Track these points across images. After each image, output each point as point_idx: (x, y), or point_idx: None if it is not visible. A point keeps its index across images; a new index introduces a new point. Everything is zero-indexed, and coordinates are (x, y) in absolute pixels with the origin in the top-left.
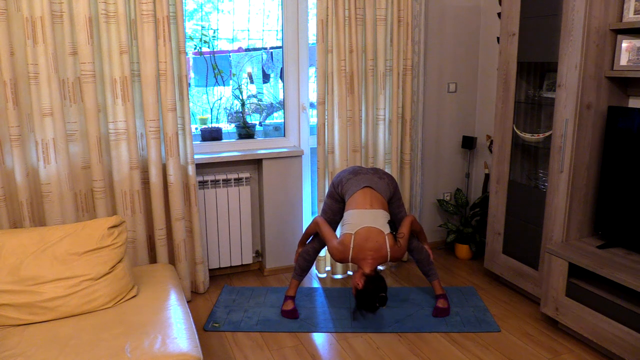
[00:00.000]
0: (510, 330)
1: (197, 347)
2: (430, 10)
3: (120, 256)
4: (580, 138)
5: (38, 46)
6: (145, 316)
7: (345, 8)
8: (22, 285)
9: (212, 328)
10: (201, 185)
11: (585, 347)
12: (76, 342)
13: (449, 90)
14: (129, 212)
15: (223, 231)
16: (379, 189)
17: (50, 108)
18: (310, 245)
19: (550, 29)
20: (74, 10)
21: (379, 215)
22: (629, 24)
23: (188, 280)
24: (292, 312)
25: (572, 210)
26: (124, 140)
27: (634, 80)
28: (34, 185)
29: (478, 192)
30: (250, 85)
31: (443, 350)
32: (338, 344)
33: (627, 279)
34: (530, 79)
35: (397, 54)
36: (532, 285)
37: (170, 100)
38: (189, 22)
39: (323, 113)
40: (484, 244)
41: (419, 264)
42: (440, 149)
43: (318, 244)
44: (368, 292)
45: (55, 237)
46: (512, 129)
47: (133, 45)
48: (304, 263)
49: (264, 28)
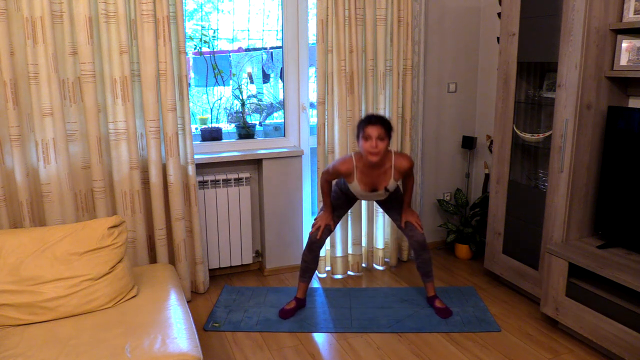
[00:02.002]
0: (510, 330)
1: (197, 347)
2: (430, 10)
3: (120, 256)
4: (580, 138)
5: (38, 46)
6: (145, 316)
7: (345, 8)
8: (22, 285)
9: (212, 328)
10: (201, 185)
11: (585, 347)
12: (76, 342)
13: (449, 90)
14: (129, 212)
15: (223, 231)
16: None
17: (50, 108)
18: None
19: (550, 29)
20: (74, 10)
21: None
22: (629, 24)
23: (188, 280)
24: (284, 311)
25: (572, 210)
26: (124, 140)
27: (634, 80)
28: (34, 185)
29: (478, 192)
30: (250, 85)
31: (443, 350)
32: (338, 344)
33: (627, 279)
34: (530, 79)
35: (397, 53)
36: (532, 285)
37: (170, 100)
38: (189, 22)
39: (323, 113)
40: (484, 244)
41: (422, 263)
42: (440, 149)
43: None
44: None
45: (55, 237)
46: (512, 129)
47: (133, 45)
48: (304, 264)
49: (264, 28)
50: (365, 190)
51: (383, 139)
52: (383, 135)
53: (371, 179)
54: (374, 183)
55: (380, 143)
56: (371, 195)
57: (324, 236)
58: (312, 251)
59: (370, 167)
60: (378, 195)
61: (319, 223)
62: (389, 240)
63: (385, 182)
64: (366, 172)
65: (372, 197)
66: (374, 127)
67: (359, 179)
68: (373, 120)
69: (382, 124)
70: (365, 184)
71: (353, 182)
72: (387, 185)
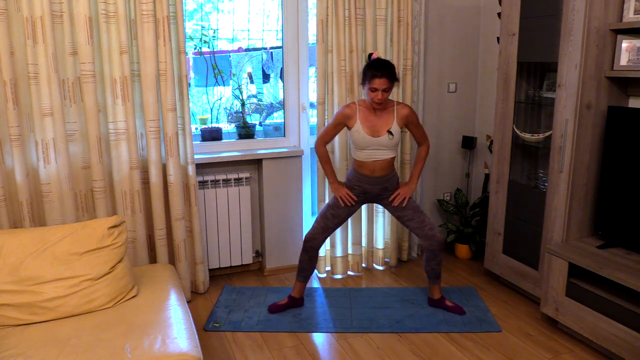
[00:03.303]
0: (510, 330)
1: (197, 347)
2: (430, 10)
3: (120, 256)
4: (580, 138)
5: (38, 46)
6: (145, 316)
7: (345, 8)
8: (22, 285)
9: (212, 328)
10: (201, 185)
11: (585, 347)
12: (76, 342)
13: (449, 90)
14: (129, 212)
15: (223, 231)
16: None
17: (50, 108)
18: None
19: (550, 29)
20: (74, 10)
21: None
22: (629, 24)
23: (188, 280)
24: (275, 306)
25: (572, 210)
26: (124, 140)
27: (634, 80)
28: (34, 185)
29: (478, 192)
30: (250, 85)
31: (443, 350)
32: (338, 344)
33: (627, 279)
34: (530, 79)
35: (397, 54)
36: (532, 285)
37: (170, 100)
38: (189, 22)
39: (323, 113)
40: (484, 244)
41: (437, 265)
42: (440, 149)
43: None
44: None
45: (55, 237)
46: (512, 129)
47: (133, 45)
48: (300, 265)
49: (264, 28)
50: (369, 135)
51: (388, 90)
52: (389, 87)
53: (373, 122)
54: (377, 126)
55: (385, 94)
56: (376, 143)
57: (324, 233)
58: (307, 252)
59: (373, 110)
60: (383, 146)
61: (340, 194)
62: (389, 240)
63: (387, 124)
64: (369, 116)
65: (377, 147)
66: (380, 80)
67: (362, 121)
68: (380, 73)
69: (388, 77)
70: (368, 127)
71: (356, 125)
72: (390, 128)
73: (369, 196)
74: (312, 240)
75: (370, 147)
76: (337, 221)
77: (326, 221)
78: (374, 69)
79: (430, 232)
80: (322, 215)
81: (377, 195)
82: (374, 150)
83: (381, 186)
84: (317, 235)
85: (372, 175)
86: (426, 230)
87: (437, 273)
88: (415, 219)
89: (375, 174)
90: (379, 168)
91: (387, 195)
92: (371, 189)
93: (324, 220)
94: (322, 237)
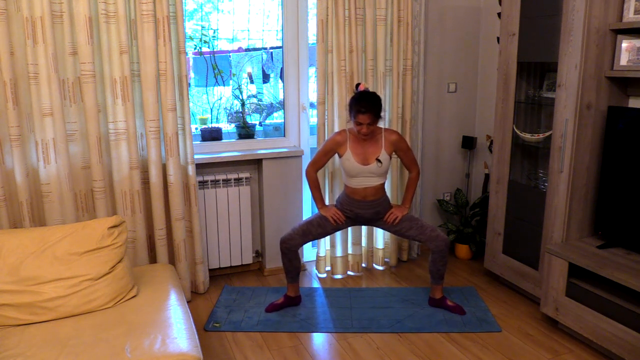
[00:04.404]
0: (510, 330)
1: (197, 347)
2: (430, 10)
3: (120, 256)
4: (580, 138)
5: (38, 46)
6: (145, 316)
7: (345, 8)
8: (22, 285)
9: (212, 328)
10: (201, 185)
11: (585, 347)
12: (76, 342)
13: (449, 90)
14: (129, 212)
15: (223, 231)
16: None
17: (50, 108)
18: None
19: (550, 29)
20: (74, 10)
21: None
22: (629, 24)
23: (188, 280)
24: (271, 305)
25: (572, 210)
26: (124, 140)
27: (634, 80)
28: (34, 185)
29: (478, 192)
30: (250, 85)
31: (443, 350)
32: (338, 344)
33: (627, 279)
34: (530, 79)
35: (397, 53)
36: (532, 285)
37: (170, 100)
38: (189, 22)
39: (323, 113)
40: (484, 244)
41: (443, 265)
42: (440, 149)
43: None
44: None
45: (55, 237)
46: (512, 129)
47: (133, 45)
48: (283, 267)
49: (264, 28)
50: (359, 163)
51: (373, 123)
52: (373, 121)
53: (363, 149)
54: (366, 154)
55: (370, 127)
56: (366, 170)
57: (303, 237)
58: (284, 254)
59: (362, 139)
60: (372, 173)
61: (329, 215)
62: (388, 241)
63: (376, 153)
64: (358, 143)
65: (367, 174)
66: (364, 116)
67: (352, 148)
68: (364, 109)
69: (372, 112)
70: (357, 154)
71: (346, 154)
72: (378, 156)
73: (361, 219)
74: (287, 242)
75: (361, 175)
76: (321, 231)
77: (310, 227)
78: (359, 104)
79: (433, 234)
80: (309, 221)
81: (370, 219)
82: (365, 177)
83: (373, 210)
84: (295, 236)
85: (363, 200)
86: (428, 233)
87: (442, 274)
88: (414, 227)
89: (367, 198)
90: (370, 194)
91: (380, 217)
92: (364, 213)
93: (308, 225)
94: (300, 240)
